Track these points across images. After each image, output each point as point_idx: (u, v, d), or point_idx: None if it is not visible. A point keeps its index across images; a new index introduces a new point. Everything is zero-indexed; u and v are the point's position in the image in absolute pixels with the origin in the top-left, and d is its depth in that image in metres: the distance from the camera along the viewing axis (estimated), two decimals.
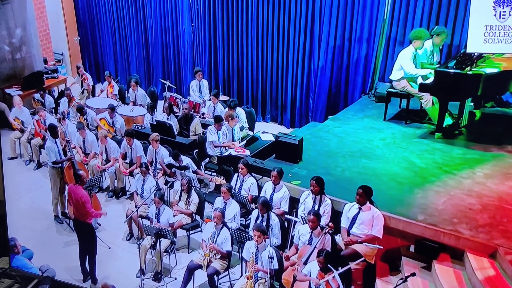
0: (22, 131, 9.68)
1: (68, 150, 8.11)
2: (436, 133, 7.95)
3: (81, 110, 9.57)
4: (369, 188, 5.93)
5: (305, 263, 5.74)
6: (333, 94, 10.28)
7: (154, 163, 8.17)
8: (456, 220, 5.95)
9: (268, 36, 10.57)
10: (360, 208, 5.95)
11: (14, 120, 9.72)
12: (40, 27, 12.72)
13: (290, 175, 7.05)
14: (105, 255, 7.04)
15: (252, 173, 7.17)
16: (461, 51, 8.07)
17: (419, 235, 5.94)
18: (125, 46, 12.94)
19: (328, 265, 5.42)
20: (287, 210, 6.66)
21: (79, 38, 13.62)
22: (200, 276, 6.40)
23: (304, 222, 6.16)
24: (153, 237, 6.50)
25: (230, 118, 8.56)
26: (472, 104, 8.48)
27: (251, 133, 9.32)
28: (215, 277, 6.21)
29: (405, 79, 8.24)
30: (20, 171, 9.41)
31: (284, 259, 6.00)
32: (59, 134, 8.06)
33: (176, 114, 9.60)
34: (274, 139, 7.87)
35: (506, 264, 5.34)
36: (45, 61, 12.56)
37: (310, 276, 5.56)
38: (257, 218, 6.42)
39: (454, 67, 7.56)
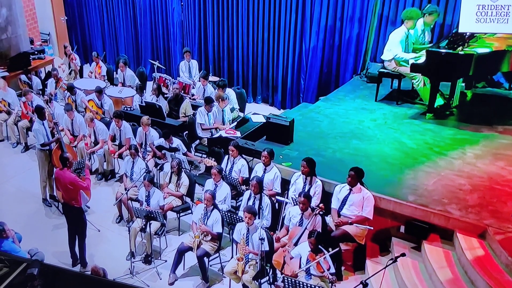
0: (8, 113, 9.53)
1: (56, 132, 7.99)
2: (427, 114, 7.93)
3: (71, 89, 9.41)
4: (361, 170, 5.92)
5: (296, 244, 5.74)
6: (325, 75, 10.20)
7: (143, 145, 8.09)
8: (446, 200, 5.97)
9: (259, 15, 10.41)
10: (350, 190, 5.94)
11: (0, 102, 9.54)
12: (26, 6, 12.43)
13: (281, 156, 7.01)
14: (95, 238, 7.01)
15: (243, 155, 7.12)
16: (453, 31, 8.01)
17: (409, 215, 5.95)
18: (113, 26, 12.71)
19: (319, 246, 5.43)
20: (279, 190, 6.64)
21: (66, 18, 13.36)
22: (191, 258, 6.40)
23: (295, 203, 6.14)
24: (143, 220, 6.46)
25: (220, 99, 8.46)
26: (463, 84, 8.47)
27: (241, 114, 9.23)
28: (205, 259, 6.21)
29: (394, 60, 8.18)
30: (7, 154, 9.29)
31: (274, 241, 6.00)
32: (47, 116, 7.92)
33: (165, 96, 9.48)
34: (265, 121, 7.80)
35: (495, 244, 5.37)
36: (32, 42, 12.31)
37: (300, 257, 5.55)
38: (249, 199, 6.40)
39: (446, 47, 7.50)
